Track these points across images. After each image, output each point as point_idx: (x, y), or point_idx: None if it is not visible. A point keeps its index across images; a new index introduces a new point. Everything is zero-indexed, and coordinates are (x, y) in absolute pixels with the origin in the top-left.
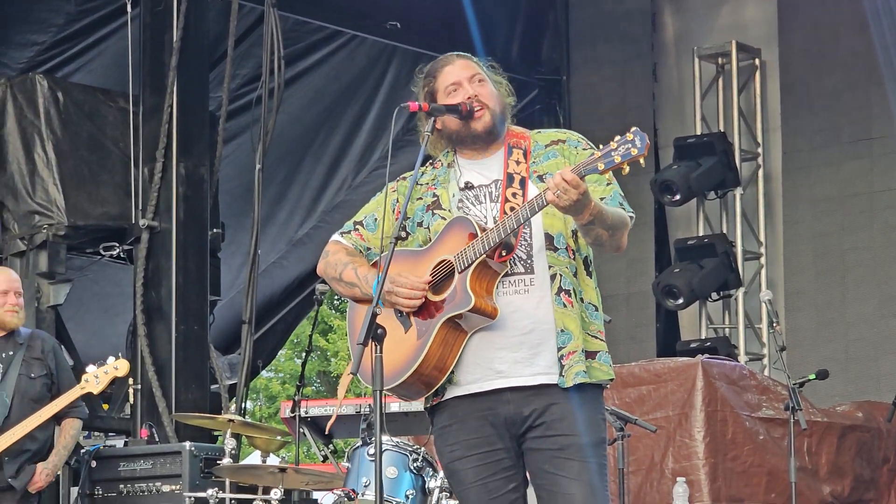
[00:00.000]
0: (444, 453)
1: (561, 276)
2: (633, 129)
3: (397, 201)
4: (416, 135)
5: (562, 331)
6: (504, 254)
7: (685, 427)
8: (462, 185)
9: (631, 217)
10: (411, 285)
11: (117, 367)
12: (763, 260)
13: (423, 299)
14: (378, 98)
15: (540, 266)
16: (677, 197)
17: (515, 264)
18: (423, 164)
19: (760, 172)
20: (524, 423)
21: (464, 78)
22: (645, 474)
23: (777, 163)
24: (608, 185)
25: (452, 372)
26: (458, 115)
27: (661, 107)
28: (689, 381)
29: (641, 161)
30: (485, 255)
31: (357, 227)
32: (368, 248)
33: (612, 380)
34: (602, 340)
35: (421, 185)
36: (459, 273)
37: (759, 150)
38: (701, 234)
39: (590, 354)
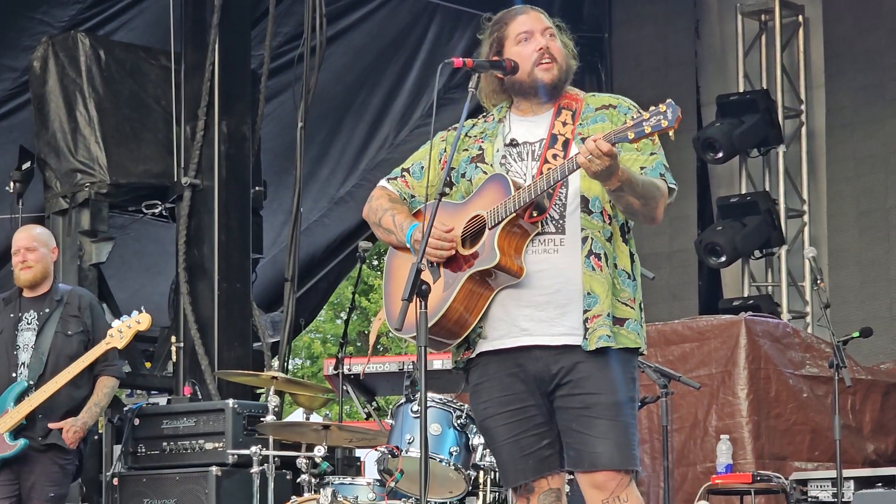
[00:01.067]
0: (477, 411)
1: (593, 239)
2: (668, 101)
3: (445, 151)
4: (458, 92)
5: (588, 293)
6: (535, 214)
7: (728, 385)
8: (507, 142)
9: (672, 188)
10: (439, 237)
11: (140, 320)
12: (806, 218)
13: (453, 251)
14: (420, 56)
15: (572, 227)
16: (720, 154)
17: (547, 224)
18: (471, 117)
19: (803, 130)
20: (553, 380)
21: (537, 29)
22: (689, 432)
23: (820, 120)
24: (652, 154)
25: (480, 326)
26: (502, 71)
27: (703, 64)
28: (733, 339)
29: (671, 134)
30: (515, 214)
31: (404, 174)
32: (413, 196)
33: (639, 349)
34: (633, 308)
35: (469, 136)
36: (490, 229)
37: (803, 107)
38: (743, 191)
39: (618, 321)
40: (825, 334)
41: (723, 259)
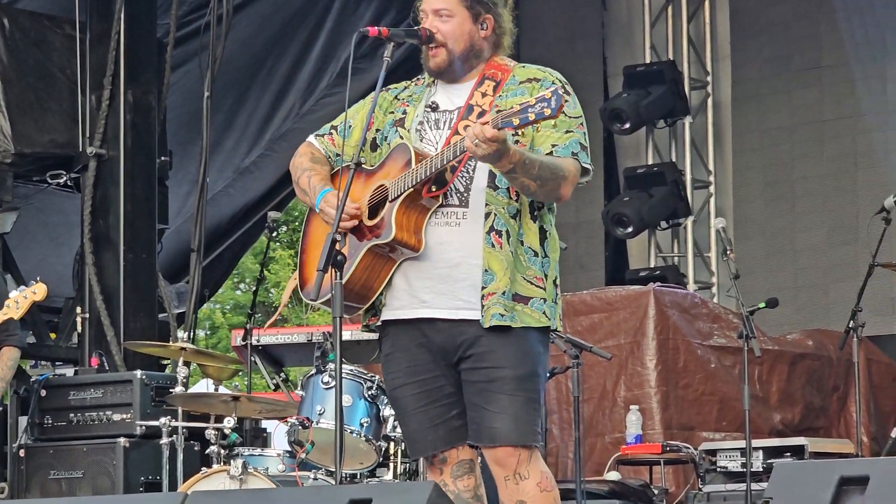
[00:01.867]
0: (387, 380)
1: (496, 215)
2: (554, 89)
3: (373, 112)
4: (365, 62)
5: (486, 270)
6: (435, 189)
7: (637, 355)
8: (428, 104)
9: (586, 168)
10: (347, 210)
11: (35, 291)
12: (712, 189)
13: (356, 222)
14: (326, 25)
15: (476, 202)
16: (626, 125)
17: (451, 197)
18: (394, 82)
19: (710, 101)
20: (457, 352)
21: (430, 10)
22: (598, 402)
23: (727, 91)
24: (568, 132)
25: (383, 295)
26: (418, 41)
27: (610, 35)
28: (641, 310)
29: (554, 122)
30: (413, 189)
31: (331, 130)
32: (338, 155)
33: (547, 327)
34: (539, 287)
35: (398, 99)
36: (390, 202)
37: (709, 78)
38: (650, 162)
39: (522, 299)
40: (732, 304)
41: (629, 230)
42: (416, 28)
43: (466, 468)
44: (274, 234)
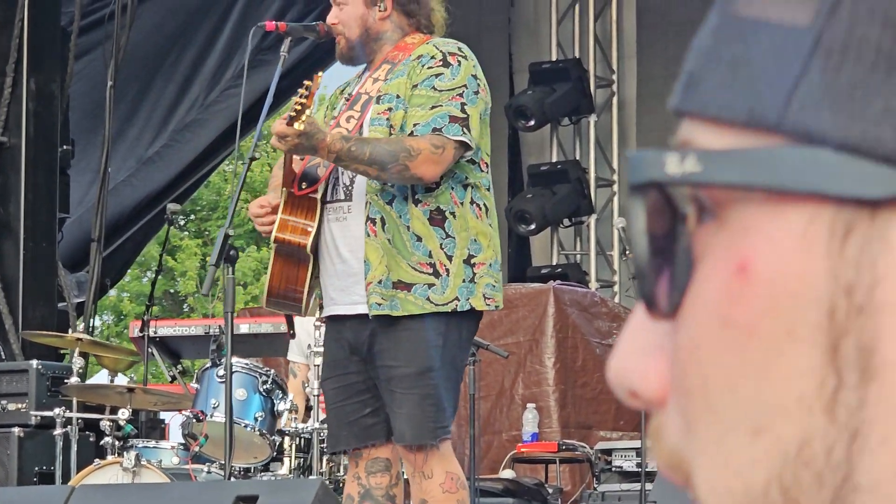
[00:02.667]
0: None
1: (370, 203)
2: (318, 75)
3: (327, 109)
4: (269, 54)
5: (365, 261)
6: (305, 186)
7: (535, 353)
8: (346, 95)
9: (460, 141)
10: (254, 213)
11: None
12: (615, 187)
13: (273, 223)
14: (231, 17)
15: (359, 193)
16: (531, 122)
17: (337, 191)
18: (279, 82)
19: (615, 100)
20: (362, 350)
21: (332, 0)
22: (495, 400)
23: (632, 90)
24: (434, 107)
25: (318, 293)
26: (316, 36)
27: (516, 32)
28: (541, 307)
29: (307, 112)
30: (285, 189)
31: None
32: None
33: (449, 310)
34: (425, 273)
35: (343, 93)
36: (280, 202)
37: (615, 77)
38: (554, 160)
39: (404, 286)
40: (632, 304)
41: (532, 227)
42: (314, 23)
43: (381, 466)
44: (182, 224)
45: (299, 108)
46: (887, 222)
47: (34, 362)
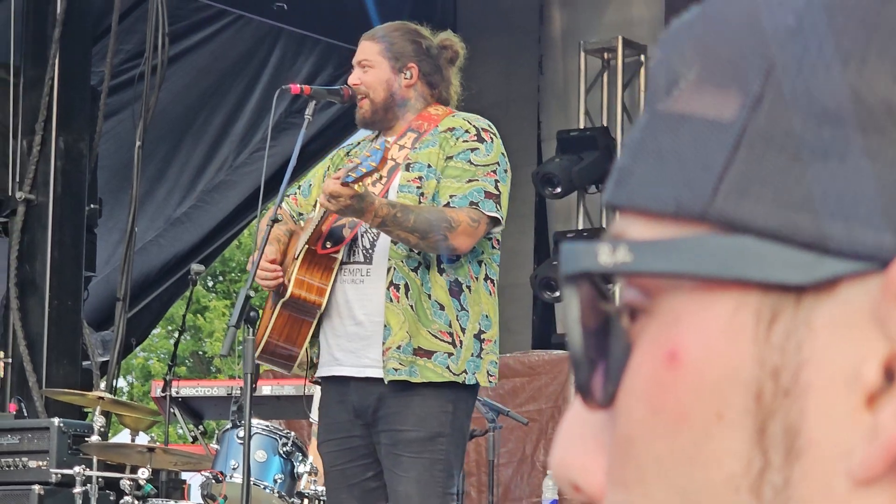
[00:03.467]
0: (318, 434)
1: (395, 269)
2: (382, 140)
3: (329, 169)
4: (298, 117)
5: (385, 326)
6: (329, 245)
7: (557, 420)
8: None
9: (493, 217)
10: (263, 267)
11: None
12: None
13: (279, 279)
14: (262, 79)
15: (379, 258)
16: (558, 190)
17: (356, 253)
18: (303, 145)
19: None
20: (368, 413)
21: (355, 62)
22: (516, 466)
23: None
24: (470, 181)
25: (314, 351)
26: (340, 100)
27: (545, 100)
28: (563, 375)
29: (375, 174)
30: (307, 245)
31: (296, 190)
32: (300, 213)
33: (460, 382)
34: (445, 342)
35: (350, 155)
36: (294, 260)
37: None
38: (581, 227)
39: (424, 353)
40: None
41: (557, 294)
42: (338, 87)
43: None
44: (210, 284)
45: (364, 171)
46: (811, 307)
47: (56, 420)
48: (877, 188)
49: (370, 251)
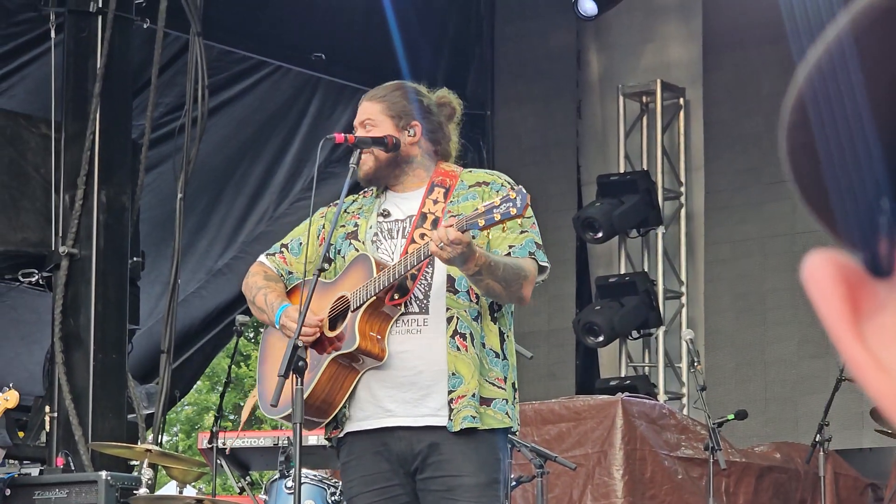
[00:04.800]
0: (345, 489)
1: (458, 318)
2: (519, 188)
3: (323, 227)
4: (339, 166)
5: (453, 374)
6: (397, 297)
7: (604, 465)
8: (380, 211)
9: (544, 267)
10: (308, 322)
11: (7, 397)
12: (684, 299)
13: (318, 334)
14: (301, 129)
15: (436, 307)
16: (599, 234)
17: (411, 304)
18: (352, 193)
19: (683, 211)
20: (415, 460)
21: (357, 123)
22: None
23: (699, 202)
24: (522, 233)
25: (346, 407)
26: (384, 148)
27: (584, 144)
28: (609, 419)
29: (520, 221)
30: (376, 297)
31: (282, 249)
32: (290, 273)
33: (509, 429)
34: (501, 388)
35: (348, 212)
36: (352, 312)
37: (682, 189)
38: (622, 272)
39: (485, 401)
40: (701, 416)
41: (600, 339)
42: (382, 136)
43: None
44: (251, 336)
45: (499, 218)
46: None
47: (103, 473)
48: None
49: (425, 301)
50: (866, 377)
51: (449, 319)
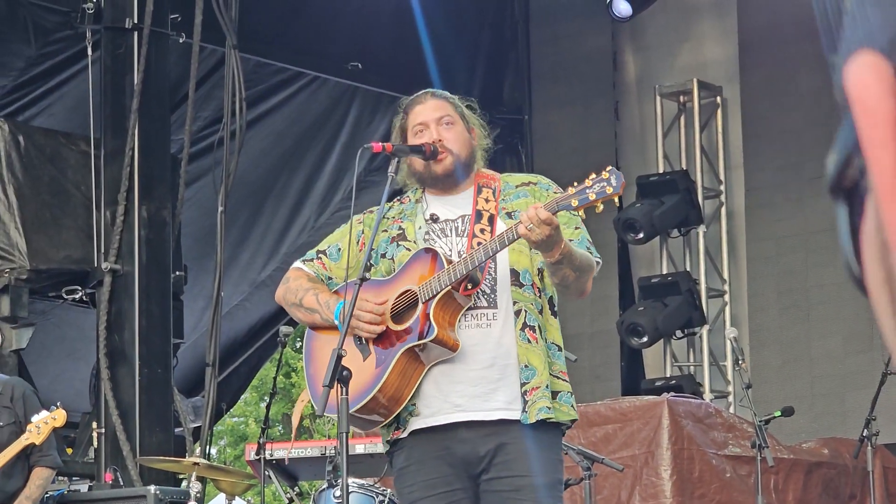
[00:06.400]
0: (403, 494)
1: (526, 311)
2: (610, 167)
3: (363, 233)
4: (378, 175)
5: (525, 366)
6: (469, 287)
7: (652, 466)
8: (428, 217)
9: (598, 262)
10: (371, 310)
11: (55, 416)
12: (727, 297)
13: (384, 327)
14: (340, 139)
15: (503, 301)
16: (640, 235)
17: (479, 298)
18: (390, 200)
19: (723, 210)
20: (480, 462)
21: (431, 120)
22: None
23: (740, 200)
24: (577, 229)
25: (413, 404)
26: (421, 156)
27: (622, 145)
28: (655, 420)
29: (616, 200)
30: (450, 287)
31: (320, 255)
32: (329, 278)
33: (574, 420)
34: (565, 381)
35: (388, 218)
36: (423, 303)
37: (722, 187)
38: (664, 272)
39: (553, 394)
40: (747, 414)
41: (644, 339)
42: (420, 144)
43: None
44: (298, 345)
45: (594, 198)
46: None
47: (152, 488)
48: None
49: (492, 296)
50: None
51: (517, 312)
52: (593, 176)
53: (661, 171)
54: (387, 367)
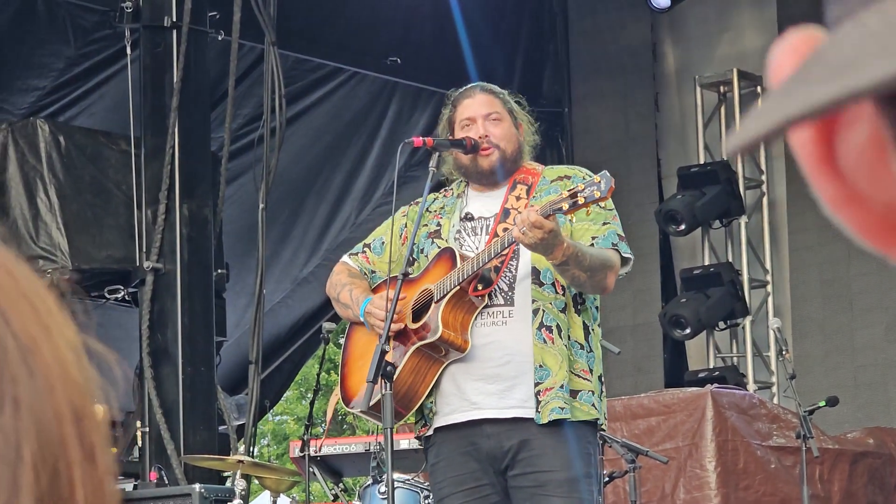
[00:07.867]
0: (434, 490)
1: (544, 311)
2: (603, 172)
3: (406, 226)
4: (419, 169)
5: (540, 366)
6: (481, 287)
7: (696, 457)
8: (463, 215)
9: (627, 258)
10: (380, 306)
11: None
12: (769, 288)
13: (402, 325)
14: (380, 134)
15: (521, 299)
16: (682, 227)
17: (496, 296)
18: (433, 192)
19: (765, 200)
20: (505, 457)
21: (479, 115)
22: None
23: (781, 190)
24: (605, 224)
25: (431, 401)
26: (462, 150)
27: (663, 137)
28: (699, 411)
29: (603, 203)
30: (459, 287)
31: (365, 249)
32: (373, 272)
33: (596, 420)
34: (587, 380)
35: (430, 211)
36: (436, 303)
37: (764, 177)
38: (706, 263)
39: (572, 393)
40: (791, 405)
41: (687, 331)
42: (461, 139)
43: None
44: (340, 342)
45: (584, 200)
46: None
47: (197, 486)
48: None
49: (510, 294)
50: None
51: (535, 311)
52: (587, 179)
53: (701, 161)
54: (399, 365)
